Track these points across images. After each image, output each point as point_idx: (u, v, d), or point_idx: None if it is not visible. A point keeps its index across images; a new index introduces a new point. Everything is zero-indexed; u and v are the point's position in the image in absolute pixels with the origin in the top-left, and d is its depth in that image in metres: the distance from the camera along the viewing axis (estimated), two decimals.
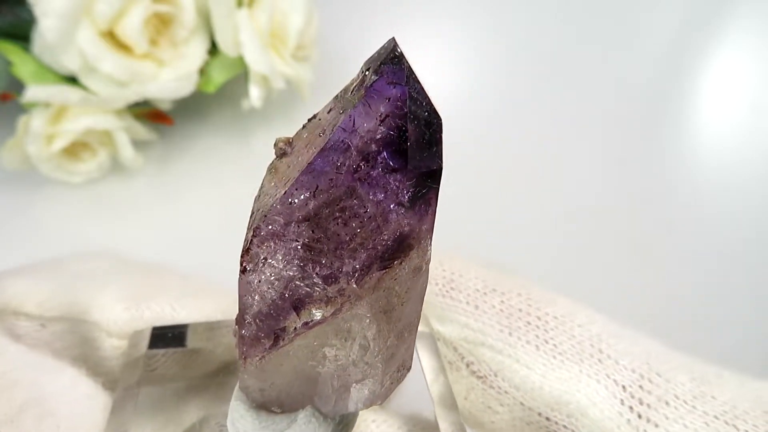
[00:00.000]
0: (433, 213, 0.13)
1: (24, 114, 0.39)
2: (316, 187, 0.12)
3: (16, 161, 0.40)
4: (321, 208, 0.12)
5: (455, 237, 0.24)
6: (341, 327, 0.13)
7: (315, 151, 0.12)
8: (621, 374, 0.18)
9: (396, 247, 0.12)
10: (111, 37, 0.39)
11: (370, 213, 0.12)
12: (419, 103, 0.12)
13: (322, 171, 0.12)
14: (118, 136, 0.41)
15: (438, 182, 0.12)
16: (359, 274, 0.12)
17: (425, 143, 0.12)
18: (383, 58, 0.12)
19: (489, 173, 0.47)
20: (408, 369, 0.15)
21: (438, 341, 0.20)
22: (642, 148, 0.52)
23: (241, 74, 0.45)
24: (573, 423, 0.18)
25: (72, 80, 0.39)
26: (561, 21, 0.67)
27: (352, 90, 0.12)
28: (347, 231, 0.12)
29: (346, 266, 0.12)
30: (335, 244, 0.12)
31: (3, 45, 0.39)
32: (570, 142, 0.51)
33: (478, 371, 0.19)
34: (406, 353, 0.14)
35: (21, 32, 0.39)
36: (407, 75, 0.11)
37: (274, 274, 0.12)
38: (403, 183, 0.12)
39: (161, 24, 0.41)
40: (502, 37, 0.64)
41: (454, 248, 0.21)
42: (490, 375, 0.19)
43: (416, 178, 0.12)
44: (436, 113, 0.12)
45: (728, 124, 0.55)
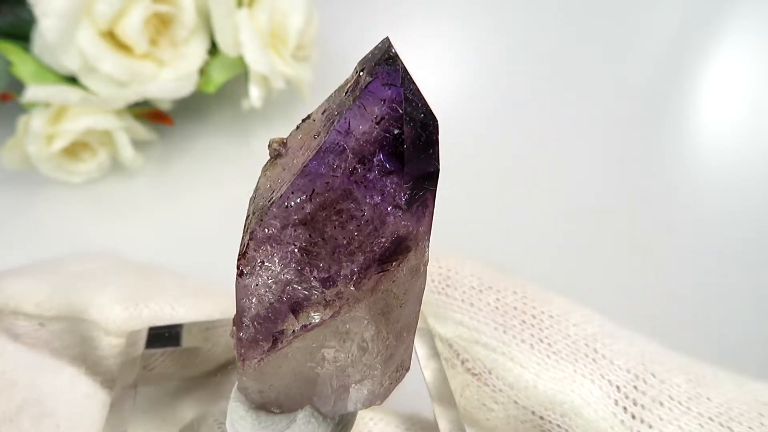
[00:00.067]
0: (431, 214, 0.13)
1: (24, 114, 0.39)
2: (313, 191, 0.12)
3: (16, 161, 0.40)
4: (317, 211, 0.12)
5: (454, 237, 0.24)
6: (340, 329, 0.13)
7: (310, 154, 0.12)
8: (616, 374, 0.18)
9: (394, 250, 0.12)
10: (111, 37, 0.39)
11: (367, 216, 0.12)
12: (415, 105, 0.11)
13: (318, 174, 0.12)
14: (118, 136, 0.41)
15: (435, 184, 0.12)
16: (357, 277, 0.12)
17: (421, 145, 0.12)
18: (377, 59, 0.11)
19: (488, 173, 0.47)
20: (407, 369, 0.15)
21: (435, 338, 0.20)
22: (642, 148, 0.52)
23: (241, 74, 0.45)
24: (567, 423, 0.18)
25: (72, 80, 0.39)
26: (561, 21, 0.67)
27: (347, 91, 0.12)
28: (344, 234, 0.12)
29: (344, 269, 0.12)
30: (332, 248, 0.12)
31: (3, 45, 0.39)
32: (570, 142, 0.51)
33: (473, 369, 0.19)
34: (405, 353, 0.14)
35: (21, 32, 0.39)
36: (402, 76, 0.11)
37: (272, 278, 0.12)
38: (400, 185, 0.12)
39: (161, 24, 0.41)
40: (502, 37, 0.63)
41: (454, 248, 0.21)
42: (485, 373, 0.19)
43: (413, 181, 0.12)
44: (432, 114, 0.12)
45: (728, 124, 0.55)
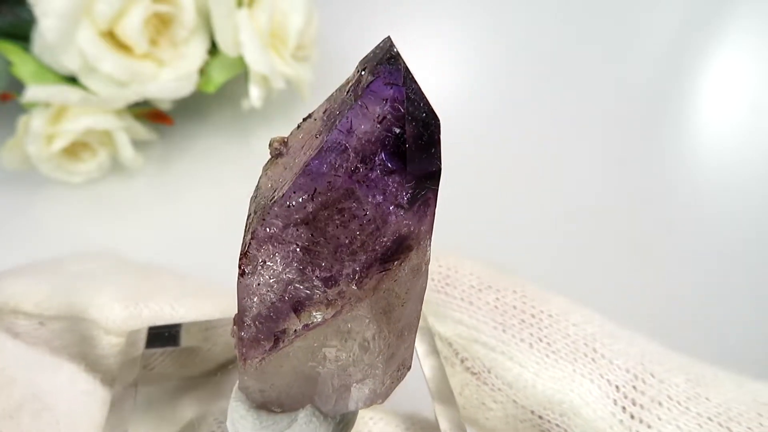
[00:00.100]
0: (432, 214, 0.13)
1: (24, 114, 0.39)
2: (315, 190, 0.12)
3: (16, 161, 0.40)
4: (319, 211, 0.12)
5: (455, 237, 0.24)
6: (341, 328, 0.13)
7: (312, 153, 0.12)
8: (615, 374, 0.18)
9: (395, 249, 0.12)
10: (111, 37, 0.39)
11: (370, 215, 0.12)
12: (416, 104, 0.11)
13: (320, 173, 0.11)
14: (118, 136, 0.41)
15: (437, 183, 0.12)
16: (359, 277, 0.12)
17: (423, 144, 0.12)
18: (379, 58, 0.11)
19: (489, 173, 0.47)
20: (408, 368, 0.15)
21: (434, 337, 0.20)
22: (642, 148, 0.52)
23: (241, 74, 0.45)
24: (566, 422, 0.18)
25: (72, 80, 0.39)
26: (561, 21, 0.67)
27: (348, 90, 0.12)
28: (346, 233, 0.12)
29: (346, 269, 0.12)
30: (334, 247, 0.12)
31: (3, 45, 0.39)
32: (570, 142, 0.51)
33: (472, 367, 0.19)
34: (406, 352, 0.14)
35: (21, 32, 0.39)
36: (404, 75, 0.11)
37: (273, 277, 0.12)
38: (402, 185, 0.12)
39: (161, 24, 0.41)
40: (502, 37, 0.63)
41: (454, 248, 0.21)
42: (484, 372, 0.19)
43: (415, 180, 0.12)
44: (434, 114, 0.12)
45: (728, 124, 0.55)
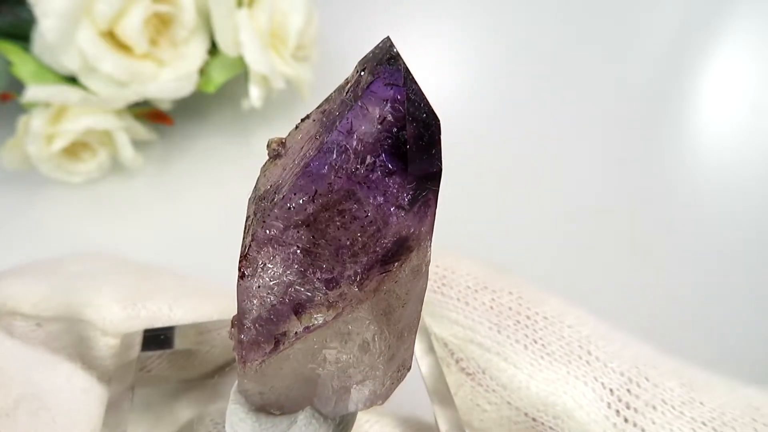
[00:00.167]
0: (433, 214, 0.13)
1: (24, 114, 0.39)
2: (315, 191, 0.12)
3: (16, 161, 0.40)
4: (320, 212, 0.12)
5: (455, 237, 0.24)
6: (342, 330, 0.13)
7: (311, 154, 0.12)
8: (609, 377, 0.18)
9: (396, 250, 0.12)
10: (111, 37, 0.39)
11: (371, 216, 0.12)
12: (417, 105, 0.11)
13: (320, 174, 0.11)
14: (118, 136, 0.41)
15: (437, 184, 0.12)
16: (360, 278, 0.12)
17: (424, 145, 0.11)
18: (379, 59, 0.11)
19: (489, 173, 0.47)
20: (408, 369, 0.15)
21: (431, 336, 0.20)
22: (642, 148, 0.52)
23: (241, 74, 0.45)
24: (559, 425, 0.18)
25: (72, 80, 0.39)
26: (561, 21, 0.67)
27: (347, 91, 0.12)
28: (347, 235, 0.12)
29: (348, 270, 0.12)
30: (335, 248, 0.12)
31: (3, 45, 0.39)
32: (570, 142, 0.51)
33: (467, 368, 0.19)
34: (406, 353, 0.14)
35: (21, 32, 0.39)
36: (404, 76, 0.11)
37: (274, 279, 0.12)
38: (403, 186, 0.12)
39: (161, 24, 0.40)
40: (502, 37, 0.63)
41: (454, 248, 0.21)
42: (479, 372, 0.19)
43: (416, 181, 0.12)
44: (434, 114, 0.12)
45: (728, 124, 0.55)
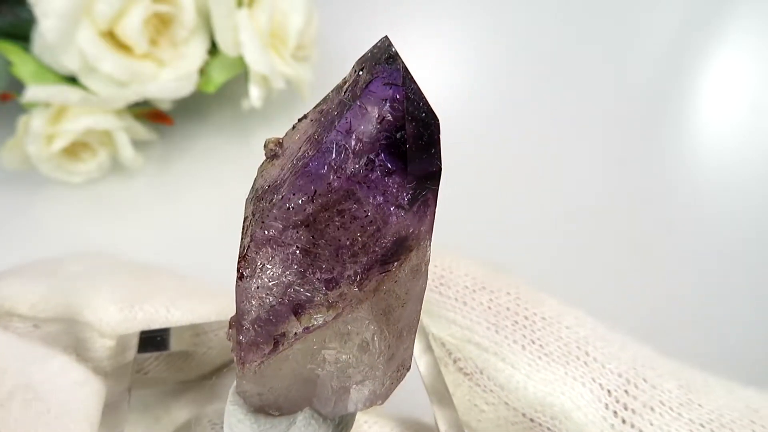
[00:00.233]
0: (433, 214, 0.12)
1: (24, 114, 0.39)
2: (314, 191, 0.11)
3: (16, 161, 0.40)
4: (319, 213, 0.12)
5: (455, 237, 0.24)
6: (341, 330, 0.13)
7: (310, 154, 0.12)
8: (607, 378, 0.18)
9: (396, 250, 0.12)
10: (111, 37, 0.39)
11: (371, 216, 0.12)
12: (416, 104, 0.11)
13: (319, 174, 0.11)
14: (118, 136, 0.41)
15: (437, 183, 0.12)
16: (360, 278, 0.12)
17: (423, 144, 0.11)
18: (378, 58, 0.11)
19: (489, 173, 0.47)
20: (407, 368, 0.15)
21: (429, 335, 0.20)
22: (642, 148, 0.52)
23: (241, 74, 0.45)
24: (557, 426, 0.18)
25: (72, 80, 0.39)
26: (561, 21, 0.67)
27: (346, 90, 0.12)
28: (347, 235, 0.12)
29: (348, 270, 0.12)
30: (335, 248, 0.12)
31: (3, 45, 0.39)
32: (570, 142, 0.51)
33: (465, 368, 0.19)
34: (406, 353, 0.14)
35: (21, 32, 0.39)
36: (403, 75, 0.11)
37: (273, 280, 0.12)
38: (403, 185, 0.12)
39: (161, 24, 0.40)
40: (502, 37, 0.63)
41: (454, 248, 0.21)
42: (476, 372, 0.19)
43: (415, 180, 0.12)
44: (433, 113, 0.12)
45: (728, 124, 0.55)
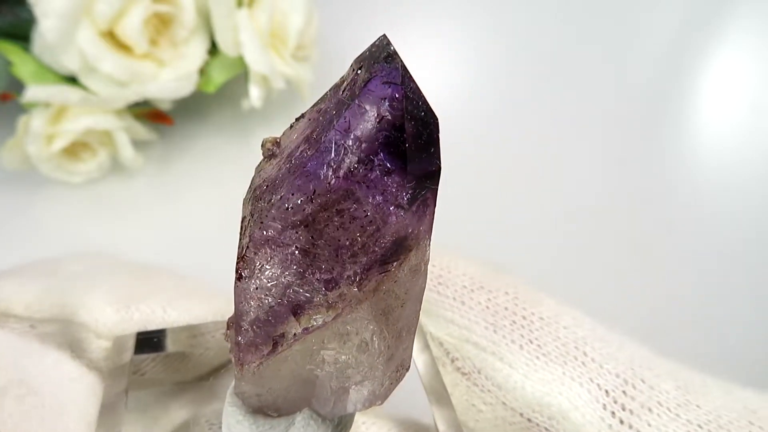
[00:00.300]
0: (432, 213, 0.12)
1: (24, 114, 0.39)
2: (313, 191, 0.11)
3: (16, 161, 0.40)
4: (318, 213, 0.12)
5: (455, 237, 0.24)
6: (340, 330, 0.13)
7: (309, 154, 0.11)
8: (604, 378, 0.18)
9: (395, 250, 0.12)
10: (111, 37, 0.39)
11: (370, 216, 0.12)
12: (415, 103, 0.11)
13: (317, 174, 0.11)
14: (118, 136, 0.41)
15: (436, 183, 0.12)
16: (360, 278, 0.12)
17: (423, 144, 0.11)
18: (376, 57, 0.11)
19: (489, 173, 0.47)
20: (407, 368, 0.15)
21: (427, 335, 0.20)
22: (642, 148, 0.52)
23: (241, 74, 0.45)
24: (554, 426, 0.18)
25: (72, 80, 0.39)
26: (561, 21, 0.67)
27: (344, 90, 0.12)
28: (347, 235, 0.12)
29: (347, 270, 0.12)
30: (335, 249, 0.12)
31: (3, 45, 0.39)
32: (570, 142, 0.51)
33: (463, 368, 0.19)
34: (405, 353, 0.14)
35: (21, 32, 0.39)
36: (402, 74, 0.11)
37: (271, 281, 0.12)
38: (402, 185, 0.12)
39: (161, 24, 0.40)
40: (502, 37, 0.63)
41: (454, 248, 0.21)
42: (474, 372, 0.19)
43: (415, 180, 0.12)
44: (433, 112, 0.11)
45: (728, 124, 0.55)
